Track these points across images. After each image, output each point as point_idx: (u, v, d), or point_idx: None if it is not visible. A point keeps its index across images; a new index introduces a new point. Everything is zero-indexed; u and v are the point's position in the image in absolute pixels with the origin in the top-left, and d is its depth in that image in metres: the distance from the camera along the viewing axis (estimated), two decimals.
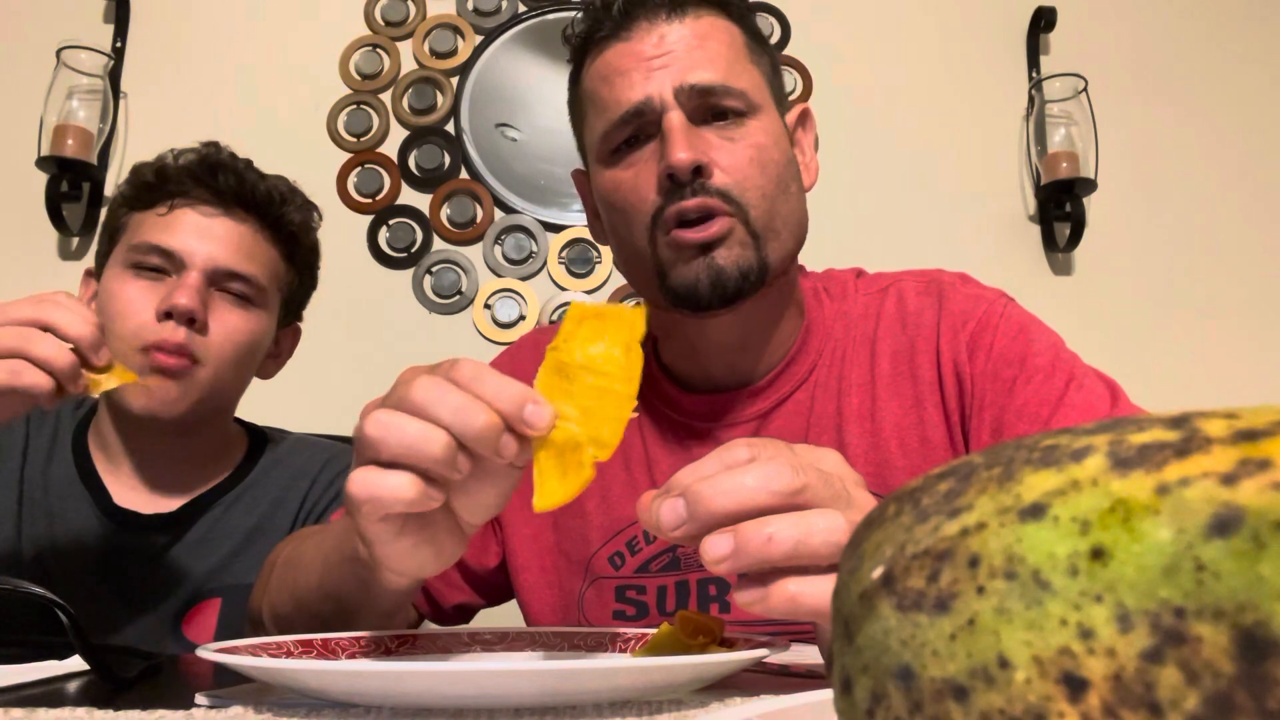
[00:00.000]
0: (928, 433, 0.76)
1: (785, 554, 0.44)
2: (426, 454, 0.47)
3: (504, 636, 0.63)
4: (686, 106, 0.74)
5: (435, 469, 0.48)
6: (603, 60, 0.78)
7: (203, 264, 0.94)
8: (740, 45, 0.79)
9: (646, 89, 0.74)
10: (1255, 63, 1.93)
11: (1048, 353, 0.75)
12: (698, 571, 0.78)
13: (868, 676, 0.19)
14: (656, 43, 0.76)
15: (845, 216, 1.81)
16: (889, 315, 0.81)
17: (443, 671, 0.42)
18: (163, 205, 0.96)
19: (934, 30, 1.92)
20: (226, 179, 0.97)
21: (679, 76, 0.74)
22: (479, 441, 0.47)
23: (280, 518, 1.02)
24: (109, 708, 0.44)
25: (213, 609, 0.97)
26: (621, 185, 0.77)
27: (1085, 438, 0.19)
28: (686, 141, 0.72)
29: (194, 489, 1.01)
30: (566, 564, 0.83)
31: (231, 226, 0.97)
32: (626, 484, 0.82)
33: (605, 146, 0.78)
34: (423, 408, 0.48)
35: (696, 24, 0.77)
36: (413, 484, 0.48)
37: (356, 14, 1.90)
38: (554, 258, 1.81)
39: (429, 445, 0.47)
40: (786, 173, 0.78)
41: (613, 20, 0.77)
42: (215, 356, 0.94)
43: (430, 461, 0.47)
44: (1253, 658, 0.15)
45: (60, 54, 1.75)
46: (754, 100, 0.77)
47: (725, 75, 0.75)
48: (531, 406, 0.48)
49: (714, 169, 0.73)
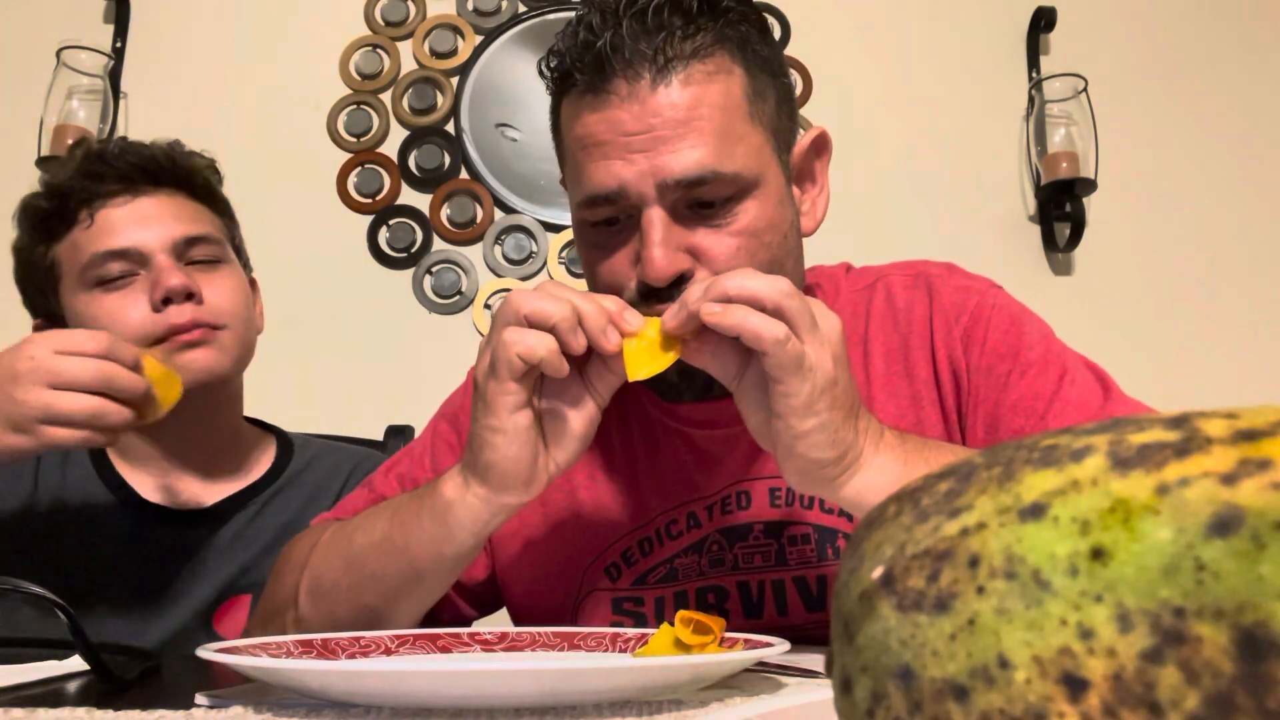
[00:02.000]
0: (926, 431, 0.76)
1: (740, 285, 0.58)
2: (560, 317, 0.59)
3: (504, 636, 0.63)
4: (668, 199, 0.67)
5: (562, 329, 0.59)
6: (581, 121, 0.70)
7: (160, 244, 0.93)
8: (738, 101, 0.70)
9: (624, 175, 0.67)
10: (1255, 63, 1.93)
11: (1040, 345, 0.75)
12: (696, 581, 0.78)
13: (868, 676, 0.19)
14: (639, 112, 0.67)
15: (845, 216, 1.80)
16: (879, 313, 0.81)
17: (443, 671, 0.42)
18: (80, 223, 0.93)
19: (934, 30, 1.92)
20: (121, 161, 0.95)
21: (662, 167, 0.66)
22: (594, 319, 0.59)
23: (312, 517, 1.02)
24: (109, 708, 0.44)
25: (243, 606, 0.97)
26: (597, 264, 0.73)
27: (1085, 438, 0.19)
28: (666, 248, 0.66)
29: (225, 487, 1.01)
30: (558, 575, 0.82)
31: (155, 200, 0.95)
32: (621, 493, 0.81)
33: (582, 216, 0.73)
34: (553, 294, 0.60)
35: (685, 91, 0.67)
36: (551, 340, 0.59)
37: (356, 14, 1.90)
38: (554, 258, 1.81)
39: (561, 312, 0.59)
40: (781, 250, 0.72)
41: (587, 72, 0.68)
42: (228, 315, 0.95)
43: (564, 324, 0.59)
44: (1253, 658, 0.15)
45: (60, 54, 1.74)
46: (748, 178, 0.69)
47: (716, 158, 0.67)
48: (628, 311, 0.62)
49: (698, 270, 0.68)
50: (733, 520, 0.77)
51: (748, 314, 0.57)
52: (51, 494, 0.97)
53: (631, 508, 0.80)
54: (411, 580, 0.68)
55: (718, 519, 0.78)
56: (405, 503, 0.70)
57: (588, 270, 0.76)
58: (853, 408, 0.61)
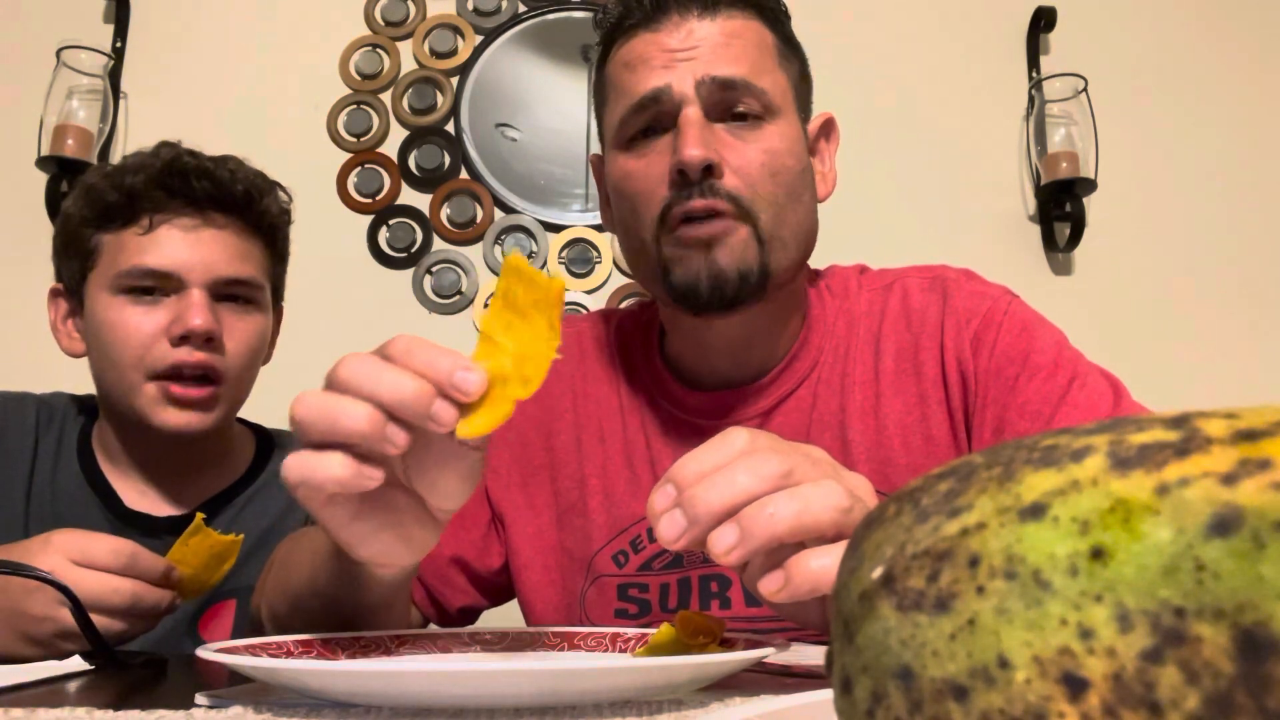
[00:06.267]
0: (932, 430, 0.76)
1: (790, 526, 0.46)
2: (353, 429, 0.46)
3: (504, 636, 0.63)
4: (706, 101, 0.74)
5: (366, 443, 0.47)
6: (628, 48, 0.78)
7: (202, 278, 0.92)
8: (769, 47, 0.79)
9: (667, 78, 0.74)
10: (1255, 63, 1.93)
11: (1050, 350, 0.75)
12: (700, 568, 0.78)
13: (868, 676, 0.19)
14: (685, 36, 0.76)
15: (845, 216, 1.80)
16: (893, 313, 0.81)
17: (443, 671, 0.42)
18: (138, 225, 0.92)
19: (934, 30, 1.92)
20: (202, 185, 0.93)
21: (702, 70, 0.74)
22: (410, 409, 0.46)
23: (291, 519, 1.02)
24: (109, 708, 0.44)
25: (228, 611, 0.97)
26: (633, 174, 0.77)
27: (1085, 438, 0.19)
28: (700, 138, 0.72)
29: (204, 491, 1.01)
30: (569, 562, 0.83)
31: (217, 233, 0.94)
32: (630, 481, 0.82)
33: (622, 133, 0.78)
34: (348, 383, 0.47)
35: (728, 23, 0.76)
36: (344, 463, 0.47)
37: (356, 14, 1.90)
38: (554, 258, 1.81)
39: (354, 420, 0.46)
40: (799, 182, 0.77)
41: (644, 9, 0.77)
42: (235, 372, 0.94)
43: (358, 436, 0.46)
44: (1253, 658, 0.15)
45: (60, 54, 1.75)
46: (774, 103, 0.76)
47: (749, 73, 0.75)
48: (461, 372, 0.46)
49: (725, 169, 0.73)
50: None
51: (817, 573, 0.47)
52: (43, 499, 0.97)
53: (640, 496, 0.81)
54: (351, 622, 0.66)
55: None
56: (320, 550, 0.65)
57: (625, 193, 0.78)
58: None
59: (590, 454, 0.83)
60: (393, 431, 0.46)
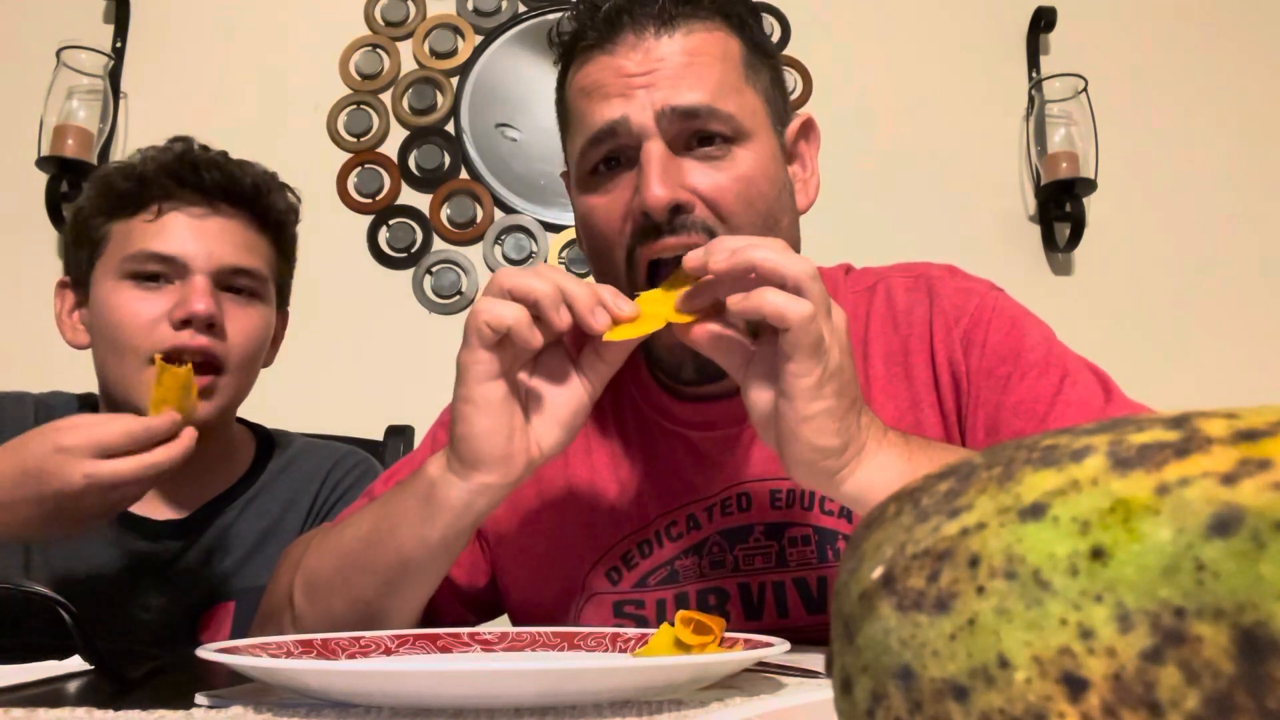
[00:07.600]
0: (925, 433, 0.75)
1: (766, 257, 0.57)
2: (542, 291, 0.59)
3: (504, 636, 0.63)
4: (668, 132, 0.69)
5: (544, 304, 0.59)
6: (584, 72, 0.73)
7: (206, 265, 0.92)
8: (735, 61, 0.73)
9: (624, 108, 0.69)
10: (1255, 63, 1.93)
11: (1040, 347, 0.75)
12: (696, 583, 0.77)
13: (868, 676, 0.19)
14: (642, 58, 0.70)
15: (845, 216, 1.80)
16: (879, 315, 0.80)
17: (443, 671, 0.42)
18: (148, 211, 0.93)
19: (934, 30, 1.92)
20: (212, 175, 0.95)
21: (662, 99, 0.69)
22: (582, 300, 0.60)
23: (291, 520, 1.01)
24: (109, 708, 0.44)
25: (227, 613, 0.97)
26: (595, 212, 0.73)
27: (1085, 438, 0.19)
28: (664, 176, 0.67)
29: (203, 493, 1.01)
30: (559, 579, 0.81)
31: (224, 223, 0.95)
32: (618, 495, 0.81)
33: (582, 167, 0.74)
34: (542, 272, 0.61)
35: (687, 39, 0.71)
36: (521, 310, 0.60)
37: (356, 14, 1.90)
38: (554, 258, 1.81)
39: (542, 287, 0.59)
40: (777, 204, 0.73)
41: (597, 29, 0.72)
42: (236, 361, 0.94)
43: (544, 296, 0.59)
44: (1253, 658, 0.15)
45: (60, 54, 1.75)
46: (744, 126, 0.71)
47: (713, 97, 0.70)
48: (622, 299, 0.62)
49: (695, 204, 0.69)
50: (733, 522, 0.77)
51: (773, 295, 0.57)
52: None
53: (630, 510, 0.80)
54: (399, 569, 0.67)
55: (718, 520, 0.77)
56: (394, 491, 0.70)
57: (588, 233, 0.76)
58: (856, 400, 0.60)
59: (577, 467, 0.82)
60: (564, 310, 0.60)
